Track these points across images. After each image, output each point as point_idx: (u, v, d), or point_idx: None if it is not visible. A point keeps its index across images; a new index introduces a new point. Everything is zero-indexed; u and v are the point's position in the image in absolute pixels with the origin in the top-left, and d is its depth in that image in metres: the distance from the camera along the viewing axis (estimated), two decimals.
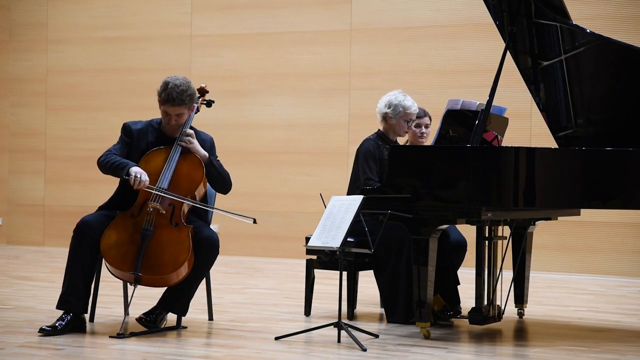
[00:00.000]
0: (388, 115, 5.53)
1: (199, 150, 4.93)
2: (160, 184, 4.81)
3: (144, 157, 4.91)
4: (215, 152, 5.10)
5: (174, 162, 4.88)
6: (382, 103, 5.56)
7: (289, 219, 9.44)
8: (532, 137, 8.42)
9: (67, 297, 4.77)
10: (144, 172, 4.78)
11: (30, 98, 10.52)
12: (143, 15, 10.06)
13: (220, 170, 5.02)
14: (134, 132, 4.99)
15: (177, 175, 4.87)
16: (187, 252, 4.71)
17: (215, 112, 9.68)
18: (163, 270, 4.68)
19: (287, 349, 4.52)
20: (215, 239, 4.85)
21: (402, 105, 5.50)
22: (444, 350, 4.60)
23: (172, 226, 4.78)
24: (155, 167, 4.87)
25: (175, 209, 4.81)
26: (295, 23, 9.47)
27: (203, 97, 5.21)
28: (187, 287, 4.86)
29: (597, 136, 5.28)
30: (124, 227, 4.77)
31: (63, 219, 10.14)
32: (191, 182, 4.88)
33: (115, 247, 4.72)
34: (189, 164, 4.91)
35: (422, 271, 4.82)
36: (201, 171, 4.90)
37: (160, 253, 4.70)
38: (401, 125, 5.54)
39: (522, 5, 5.11)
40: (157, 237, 4.73)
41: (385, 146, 5.51)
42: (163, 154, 4.91)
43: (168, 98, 4.85)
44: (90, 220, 4.81)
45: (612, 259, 8.36)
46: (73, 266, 4.78)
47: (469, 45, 8.80)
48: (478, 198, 4.72)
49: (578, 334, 5.16)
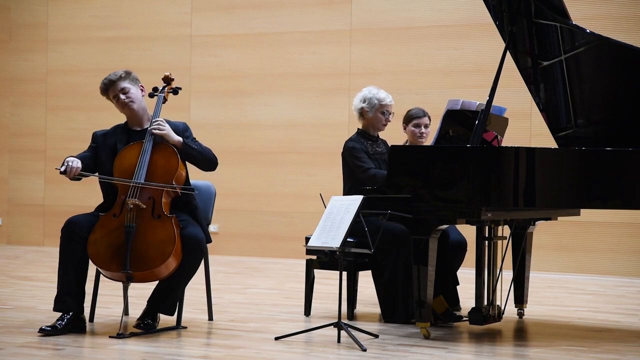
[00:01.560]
0: (364, 110, 5.60)
1: (172, 135, 4.92)
2: (136, 178, 4.82)
3: (117, 156, 4.94)
4: (190, 135, 5.08)
5: (147, 155, 4.88)
6: (357, 99, 5.65)
7: (288, 219, 9.44)
8: (532, 137, 8.42)
9: (61, 297, 4.78)
10: (75, 159, 4.86)
11: (30, 98, 10.52)
12: (143, 15, 10.06)
13: (200, 149, 4.99)
14: (99, 137, 5.10)
15: (152, 168, 4.86)
16: (173, 243, 4.69)
17: (215, 112, 9.71)
18: (152, 264, 4.67)
19: (287, 349, 4.52)
20: (199, 238, 4.81)
21: (376, 97, 5.58)
22: (444, 350, 4.60)
23: (155, 219, 4.77)
24: (129, 162, 4.89)
25: (155, 201, 4.81)
26: (295, 23, 9.47)
27: (169, 86, 5.20)
28: (174, 287, 4.84)
29: (597, 136, 5.28)
30: (108, 228, 4.77)
31: (63, 219, 9.95)
32: (167, 172, 4.87)
33: (101, 249, 4.73)
34: (163, 154, 4.90)
35: (422, 271, 4.82)
36: (176, 159, 4.89)
37: (146, 247, 4.70)
38: (378, 118, 5.59)
39: (522, 5, 5.11)
40: (141, 233, 4.73)
41: (368, 142, 5.56)
42: (136, 149, 4.92)
43: (105, 84, 5.01)
44: (77, 219, 4.85)
45: (612, 259, 8.36)
46: (64, 266, 4.79)
47: (469, 46, 8.80)
48: (478, 198, 4.72)
49: (578, 334, 5.16)
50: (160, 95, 5.12)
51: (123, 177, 4.86)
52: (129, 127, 5.09)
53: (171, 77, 5.24)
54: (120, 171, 4.89)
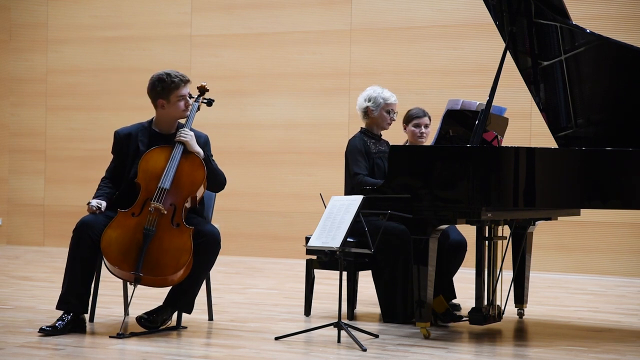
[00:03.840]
0: (369, 109, 5.60)
1: (194, 146, 4.91)
2: (162, 184, 4.81)
3: (144, 155, 4.89)
4: (210, 150, 5.09)
5: (176, 161, 4.86)
6: (362, 99, 5.65)
7: (288, 219, 9.44)
8: (532, 137, 8.42)
9: (66, 298, 4.77)
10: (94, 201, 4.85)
11: (30, 98, 10.52)
12: (143, 15, 10.06)
13: (215, 168, 5.01)
14: (123, 138, 5.01)
15: (179, 176, 4.86)
16: (188, 254, 4.71)
17: (215, 112, 9.69)
18: (164, 271, 4.68)
19: (287, 349, 4.52)
20: (217, 234, 4.86)
21: (381, 96, 5.59)
22: (444, 350, 4.60)
23: (174, 227, 4.77)
24: (156, 166, 4.86)
25: (176, 209, 4.81)
26: (295, 23, 9.47)
27: (203, 96, 5.19)
28: (191, 284, 4.85)
29: (597, 136, 5.28)
30: (125, 226, 4.76)
31: (63, 219, 10.14)
32: (192, 182, 4.87)
33: (116, 246, 4.71)
34: (191, 164, 4.90)
35: (422, 271, 4.82)
36: (202, 172, 4.89)
37: (162, 254, 4.70)
38: (384, 117, 5.60)
39: (522, 5, 5.11)
40: (159, 238, 4.73)
41: (371, 141, 5.57)
42: (165, 153, 4.89)
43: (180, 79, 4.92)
44: (90, 220, 4.81)
45: (612, 259, 8.36)
46: (72, 266, 4.78)
47: (469, 46, 8.80)
48: (478, 198, 4.72)
49: (578, 334, 5.16)
50: (194, 104, 5.09)
51: (148, 178, 4.84)
52: (154, 128, 5.04)
53: (207, 87, 5.20)
54: (145, 172, 4.85)
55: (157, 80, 4.95)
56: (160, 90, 4.94)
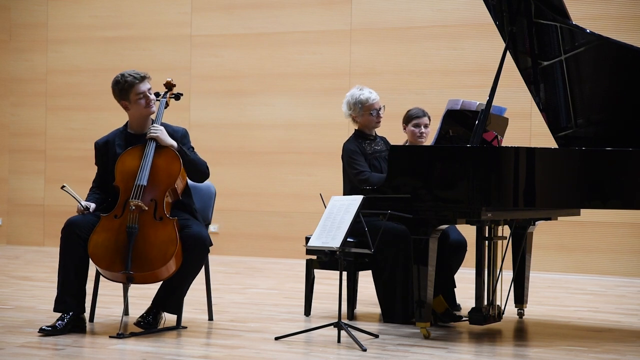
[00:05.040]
0: (353, 116, 5.61)
1: (166, 139, 4.92)
2: (138, 181, 4.82)
3: (119, 158, 4.94)
4: (188, 142, 5.09)
5: (149, 157, 4.89)
6: (344, 107, 5.65)
7: (288, 219, 9.44)
8: (532, 137, 8.42)
9: (62, 298, 4.78)
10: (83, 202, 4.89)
11: (30, 98, 10.52)
12: (143, 15, 10.06)
13: (192, 158, 4.99)
14: (102, 147, 5.07)
15: (154, 171, 4.88)
16: (174, 245, 4.72)
17: (215, 112, 9.71)
18: (153, 265, 4.68)
19: (287, 349, 4.52)
20: (204, 236, 4.84)
21: (359, 101, 5.56)
22: (444, 350, 4.60)
23: (157, 221, 4.78)
24: (131, 165, 4.90)
25: (157, 203, 4.82)
26: (295, 23, 9.47)
27: (171, 92, 5.21)
28: (178, 285, 4.85)
29: (597, 136, 5.28)
30: (109, 229, 4.78)
31: (63, 219, 9.94)
32: (169, 175, 4.89)
33: (102, 250, 4.73)
34: (165, 157, 4.92)
35: (422, 271, 4.82)
36: (178, 163, 4.90)
37: (148, 249, 4.71)
38: (369, 119, 5.59)
39: (522, 5, 5.11)
40: (143, 234, 4.74)
41: (365, 142, 5.57)
42: (138, 152, 4.93)
43: (134, 79, 4.97)
44: (77, 219, 4.86)
45: (612, 259, 8.36)
46: (65, 266, 4.80)
47: (469, 46, 8.80)
48: (478, 198, 4.72)
49: (578, 334, 5.16)
50: (162, 101, 5.12)
51: (125, 179, 4.87)
52: (129, 131, 5.08)
53: (173, 82, 5.23)
54: (122, 174, 4.89)
55: (114, 84, 5.03)
56: (119, 92, 5.01)
